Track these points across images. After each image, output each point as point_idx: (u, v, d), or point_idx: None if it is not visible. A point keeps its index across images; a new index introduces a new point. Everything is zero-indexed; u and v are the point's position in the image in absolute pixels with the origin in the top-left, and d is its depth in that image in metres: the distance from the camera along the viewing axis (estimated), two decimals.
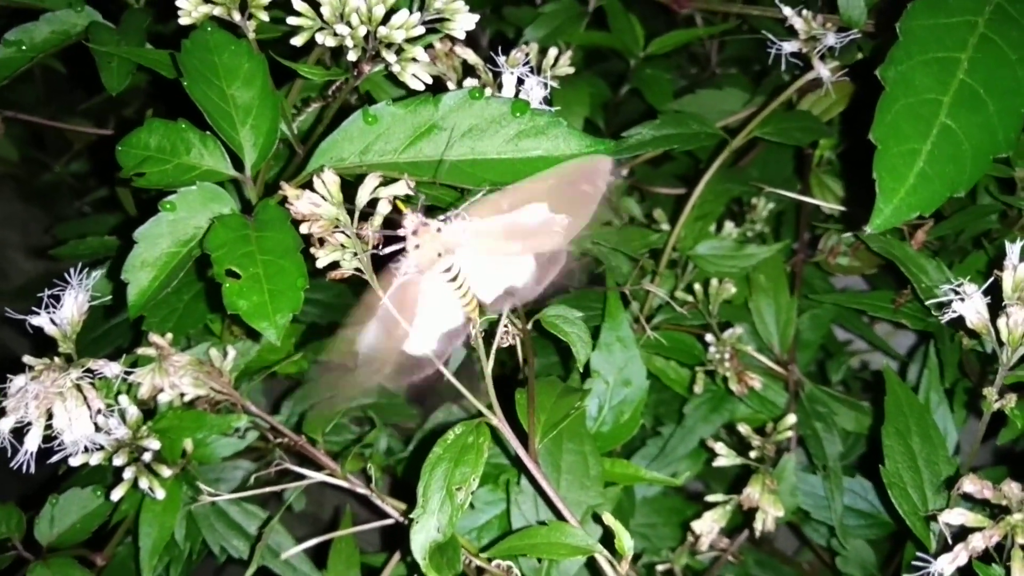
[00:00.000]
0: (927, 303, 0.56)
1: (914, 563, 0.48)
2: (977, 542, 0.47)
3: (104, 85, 0.64)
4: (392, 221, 0.49)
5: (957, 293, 0.53)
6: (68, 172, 1.16)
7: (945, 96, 0.48)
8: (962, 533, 0.49)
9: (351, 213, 0.49)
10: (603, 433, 0.68)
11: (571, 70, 0.66)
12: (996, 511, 0.49)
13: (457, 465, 0.52)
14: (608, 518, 0.55)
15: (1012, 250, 0.53)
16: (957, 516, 0.48)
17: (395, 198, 0.49)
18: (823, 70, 0.69)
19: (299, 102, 0.68)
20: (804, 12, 0.69)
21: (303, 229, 0.49)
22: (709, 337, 0.76)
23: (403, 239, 0.48)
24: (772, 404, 0.76)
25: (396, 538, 0.66)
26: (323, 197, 0.48)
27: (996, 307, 0.54)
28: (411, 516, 0.52)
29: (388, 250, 0.48)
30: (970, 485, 0.48)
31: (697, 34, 0.93)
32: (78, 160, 1.16)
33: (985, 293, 0.54)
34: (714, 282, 0.77)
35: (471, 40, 0.60)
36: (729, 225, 0.84)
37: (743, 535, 0.74)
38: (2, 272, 1.14)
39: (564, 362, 0.80)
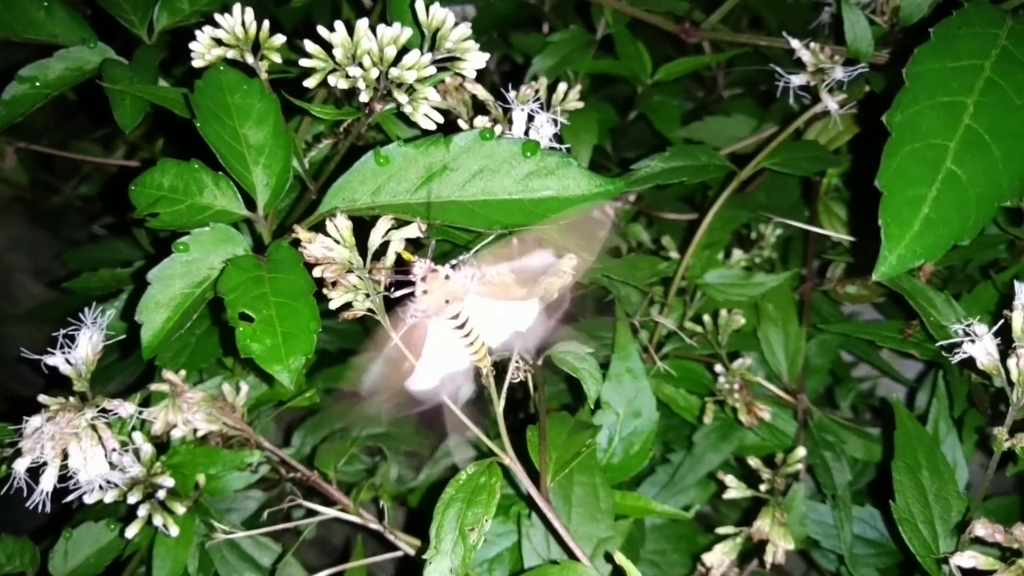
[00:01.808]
0: (938, 343, 0.56)
1: None
2: None
3: (117, 122, 0.64)
4: (404, 262, 0.49)
5: (967, 333, 0.53)
6: (77, 195, 1.17)
7: (951, 141, 0.48)
8: (974, 574, 0.49)
9: (363, 254, 0.49)
10: (613, 465, 0.69)
11: (580, 105, 0.66)
12: (1008, 553, 0.49)
13: (470, 506, 0.53)
14: (619, 557, 0.55)
15: (1021, 290, 0.53)
16: (968, 559, 0.48)
17: (404, 245, 0.50)
18: (831, 103, 0.69)
19: (311, 137, 0.68)
20: (812, 45, 0.70)
21: (316, 272, 0.49)
22: (719, 367, 0.76)
23: (413, 283, 0.48)
24: (781, 433, 0.76)
25: (408, 569, 0.67)
26: (336, 240, 0.49)
27: (1004, 342, 0.54)
28: (424, 556, 0.52)
29: (399, 293, 0.49)
30: (981, 529, 0.48)
31: (703, 62, 0.93)
32: (87, 183, 1.17)
33: (995, 332, 0.54)
34: (723, 313, 0.77)
35: (478, 72, 0.61)
36: (737, 252, 0.84)
37: (753, 563, 0.74)
38: (11, 296, 1.15)
39: (572, 390, 0.81)
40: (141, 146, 1.02)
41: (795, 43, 0.70)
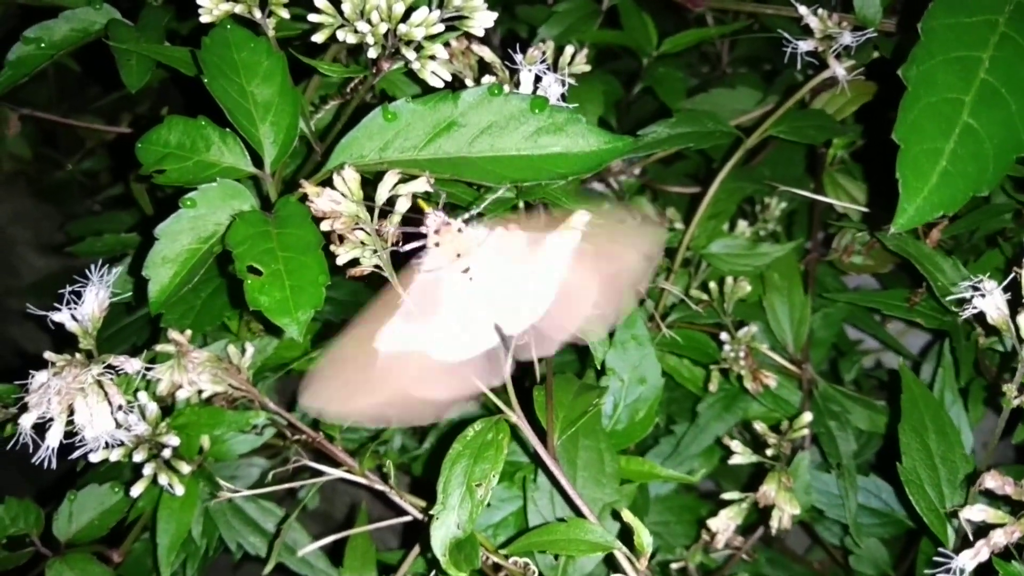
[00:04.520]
0: (944, 300, 0.56)
1: (935, 559, 0.48)
2: (999, 538, 0.47)
3: (124, 82, 0.64)
4: (412, 218, 0.49)
5: (977, 289, 0.53)
6: (80, 170, 1.17)
7: (967, 95, 0.48)
8: (981, 530, 0.49)
9: (371, 210, 0.49)
10: (618, 431, 0.68)
11: (587, 68, 0.66)
12: (1016, 508, 0.49)
13: (477, 461, 0.52)
14: (627, 515, 0.55)
15: None
16: (978, 512, 0.48)
17: (416, 196, 0.49)
18: (839, 69, 0.69)
19: (317, 99, 0.68)
20: (820, 11, 0.69)
21: (324, 226, 0.49)
22: (724, 335, 0.76)
23: (423, 236, 0.48)
24: (786, 403, 0.76)
25: (413, 535, 0.67)
26: (343, 194, 0.49)
27: (1014, 305, 0.54)
28: (431, 512, 0.52)
29: (408, 247, 0.48)
30: (991, 481, 0.48)
31: (710, 33, 0.93)
32: (90, 158, 1.17)
33: (1003, 291, 0.54)
34: (729, 280, 0.77)
35: (484, 39, 0.60)
36: (742, 224, 0.84)
37: (757, 533, 0.74)
38: (14, 269, 1.15)
39: (580, 359, 0.80)
40: (146, 118, 1.02)
41: (803, 9, 0.69)
